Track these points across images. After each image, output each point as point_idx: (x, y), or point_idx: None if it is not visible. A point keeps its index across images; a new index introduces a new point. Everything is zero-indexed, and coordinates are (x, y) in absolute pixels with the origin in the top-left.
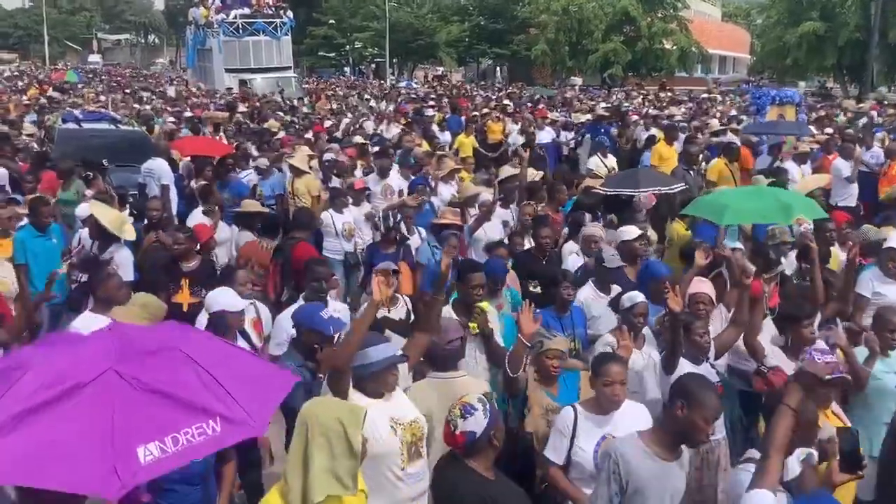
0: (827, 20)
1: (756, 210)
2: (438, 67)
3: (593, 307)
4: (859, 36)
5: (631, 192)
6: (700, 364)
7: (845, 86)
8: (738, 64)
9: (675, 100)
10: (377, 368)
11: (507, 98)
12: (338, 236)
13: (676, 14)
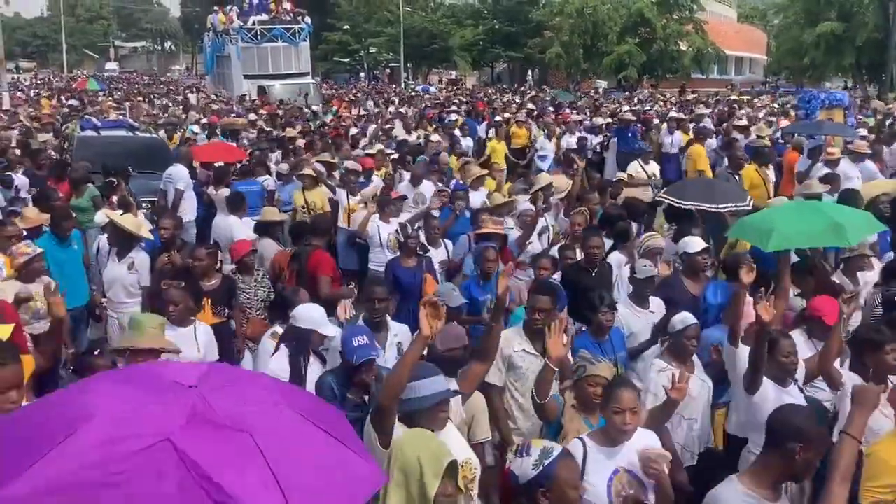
0: (845, 20)
1: (806, 233)
2: (452, 71)
3: (632, 323)
4: (878, 36)
5: (709, 206)
6: (787, 386)
7: (864, 86)
8: (754, 65)
9: (701, 101)
10: (427, 405)
11: (532, 102)
12: (383, 247)
13: (692, 15)
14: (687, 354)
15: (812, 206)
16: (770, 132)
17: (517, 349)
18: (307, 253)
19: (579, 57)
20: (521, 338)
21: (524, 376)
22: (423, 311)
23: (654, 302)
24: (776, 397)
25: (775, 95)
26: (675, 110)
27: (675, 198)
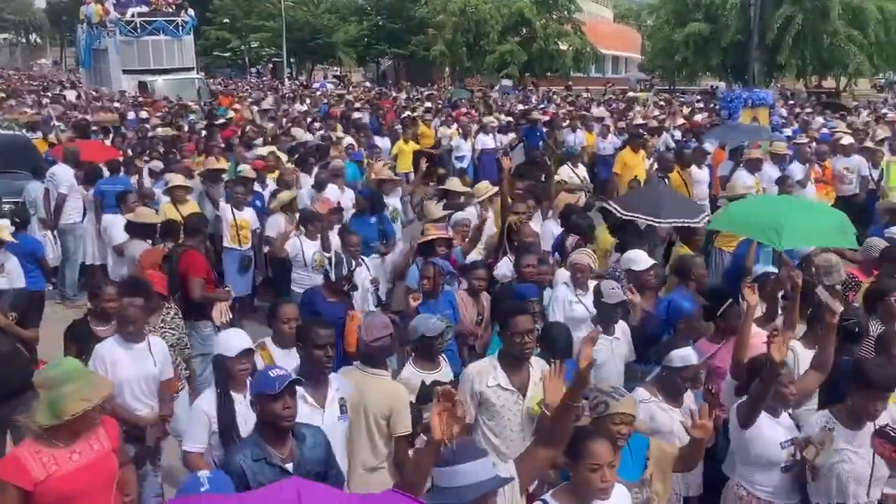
0: (711, 22)
1: (817, 231)
2: (337, 67)
3: (596, 352)
4: (741, 38)
5: (651, 220)
6: (778, 416)
7: (730, 85)
8: (629, 63)
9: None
10: (471, 497)
11: (428, 100)
12: (307, 267)
13: (570, 16)
14: (678, 394)
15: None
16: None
17: (491, 384)
18: (178, 254)
19: (463, 55)
20: (496, 370)
21: (499, 415)
22: (435, 408)
23: (619, 327)
24: (772, 430)
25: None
26: (572, 109)
27: (620, 207)
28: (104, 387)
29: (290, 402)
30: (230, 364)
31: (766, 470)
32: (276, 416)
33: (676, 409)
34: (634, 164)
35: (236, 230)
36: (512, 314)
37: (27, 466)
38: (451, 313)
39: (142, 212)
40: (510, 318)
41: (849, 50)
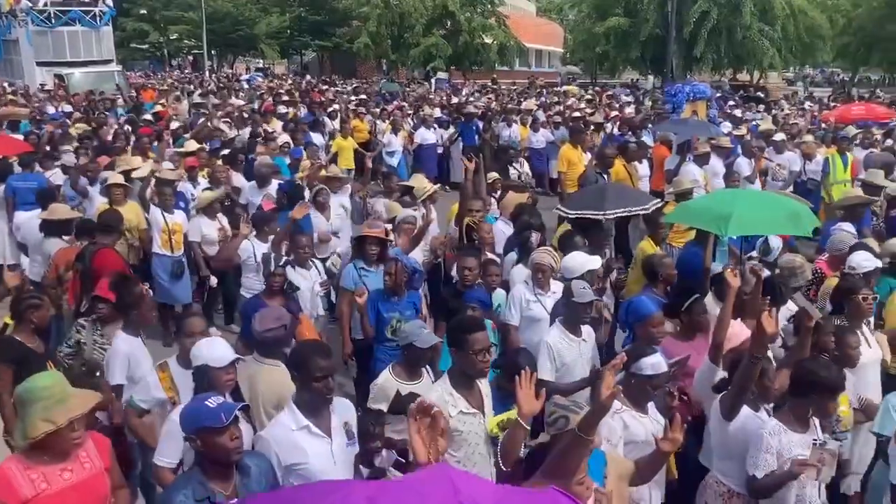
0: (630, 16)
1: (766, 220)
2: (260, 60)
3: (564, 353)
4: (659, 31)
5: (595, 214)
6: (759, 410)
7: (652, 79)
8: (552, 57)
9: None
10: None
11: (354, 94)
12: (259, 271)
13: (494, 9)
14: (646, 401)
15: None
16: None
17: (453, 413)
18: (92, 252)
19: (387, 48)
20: (453, 396)
21: (466, 442)
22: (413, 425)
23: (585, 329)
24: (753, 423)
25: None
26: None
27: (567, 208)
28: (79, 405)
29: (236, 431)
30: (217, 375)
31: (744, 464)
32: (225, 450)
33: (646, 416)
34: (578, 160)
35: (168, 235)
36: (469, 331)
37: (15, 484)
38: (412, 314)
39: (56, 208)
40: (468, 336)
41: (761, 44)
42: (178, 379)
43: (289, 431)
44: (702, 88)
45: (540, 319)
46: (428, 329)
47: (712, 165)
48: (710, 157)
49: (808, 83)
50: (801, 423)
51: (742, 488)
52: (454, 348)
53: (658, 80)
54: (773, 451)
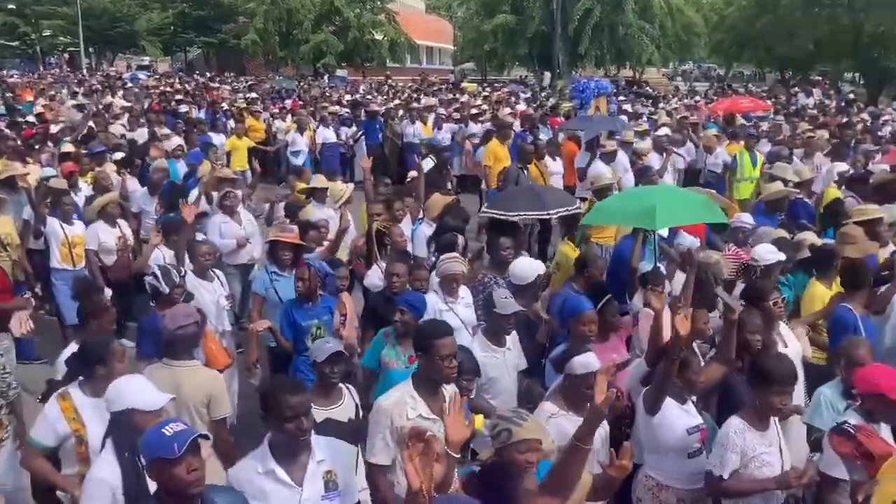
0: (517, 13)
1: (687, 210)
2: (144, 57)
3: (488, 366)
4: (545, 28)
5: (541, 215)
6: (685, 403)
7: (539, 75)
8: (443, 54)
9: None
10: None
11: (250, 90)
12: None
13: (383, 6)
14: (584, 403)
15: (673, 189)
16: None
17: (411, 416)
18: None
19: (276, 44)
20: (414, 399)
21: None
22: (405, 453)
23: (509, 338)
24: (678, 417)
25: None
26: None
27: (502, 210)
28: None
29: (194, 461)
30: (145, 421)
31: (674, 457)
32: (181, 483)
33: (578, 418)
34: (504, 156)
35: (69, 248)
36: (436, 336)
37: None
38: (329, 319)
39: None
40: (434, 341)
41: (641, 41)
42: (84, 410)
43: (253, 473)
44: (604, 84)
45: (454, 329)
46: (332, 342)
47: (619, 160)
48: (619, 154)
49: (693, 78)
50: (763, 421)
51: (670, 480)
52: (420, 352)
53: (560, 77)
54: (738, 449)
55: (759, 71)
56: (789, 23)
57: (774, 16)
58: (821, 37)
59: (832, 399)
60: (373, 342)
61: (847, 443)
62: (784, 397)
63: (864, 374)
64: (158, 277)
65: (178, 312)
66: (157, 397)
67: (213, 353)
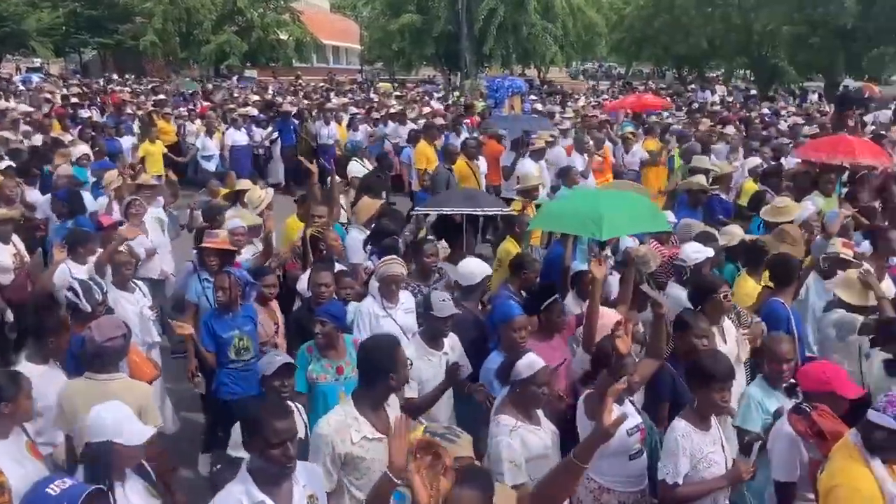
0: (423, 13)
1: (633, 219)
2: (35, 59)
3: (423, 369)
4: (451, 28)
5: (476, 211)
6: (622, 403)
7: (447, 75)
8: (350, 54)
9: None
10: None
11: (153, 93)
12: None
13: (287, 5)
14: (537, 405)
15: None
16: None
17: (356, 439)
18: None
19: (176, 45)
20: (358, 420)
21: (369, 470)
22: (413, 465)
23: (448, 341)
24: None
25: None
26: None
27: (438, 206)
28: None
29: None
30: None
31: (615, 459)
32: None
33: (539, 428)
34: (433, 157)
35: None
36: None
37: None
38: (252, 328)
39: None
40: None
41: (544, 40)
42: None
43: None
44: (518, 83)
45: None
46: (280, 354)
47: (551, 157)
48: (548, 152)
49: (600, 76)
50: (705, 421)
51: (611, 482)
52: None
53: (467, 77)
54: (688, 453)
55: (657, 69)
56: (685, 22)
57: (670, 16)
58: (715, 35)
59: (760, 399)
60: (297, 362)
61: (803, 421)
62: (724, 393)
63: (811, 371)
64: (79, 294)
65: (106, 324)
66: (141, 431)
67: (138, 366)
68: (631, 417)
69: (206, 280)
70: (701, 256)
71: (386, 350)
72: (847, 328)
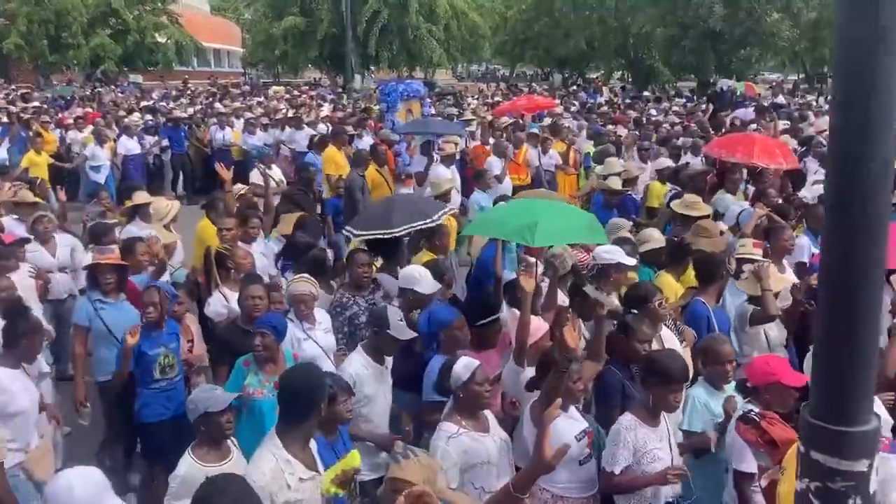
0: (306, 15)
1: (568, 230)
2: None
3: (367, 382)
4: (335, 30)
5: (384, 233)
6: (568, 409)
7: (334, 78)
8: (232, 57)
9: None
10: None
11: (23, 100)
12: None
13: (164, 7)
14: (483, 404)
15: (555, 204)
16: None
17: (292, 483)
18: None
19: (44, 49)
20: (290, 462)
21: None
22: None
23: (388, 360)
24: (564, 425)
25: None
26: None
27: (382, 229)
28: None
29: None
30: None
31: (565, 466)
32: None
33: (486, 435)
34: (343, 162)
35: None
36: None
37: None
38: (176, 345)
39: None
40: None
41: (429, 43)
42: None
43: None
44: (415, 87)
45: (315, 357)
46: (219, 389)
47: (442, 172)
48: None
49: (489, 78)
50: (655, 418)
51: (566, 492)
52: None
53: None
54: (630, 445)
55: (539, 71)
56: (564, 25)
57: (551, 18)
58: (593, 38)
59: (706, 401)
60: (232, 375)
61: (752, 430)
62: (678, 394)
63: (757, 366)
64: None
65: None
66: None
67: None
68: (576, 422)
69: (98, 301)
70: (610, 258)
71: (314, 380)
72: (744, 319)
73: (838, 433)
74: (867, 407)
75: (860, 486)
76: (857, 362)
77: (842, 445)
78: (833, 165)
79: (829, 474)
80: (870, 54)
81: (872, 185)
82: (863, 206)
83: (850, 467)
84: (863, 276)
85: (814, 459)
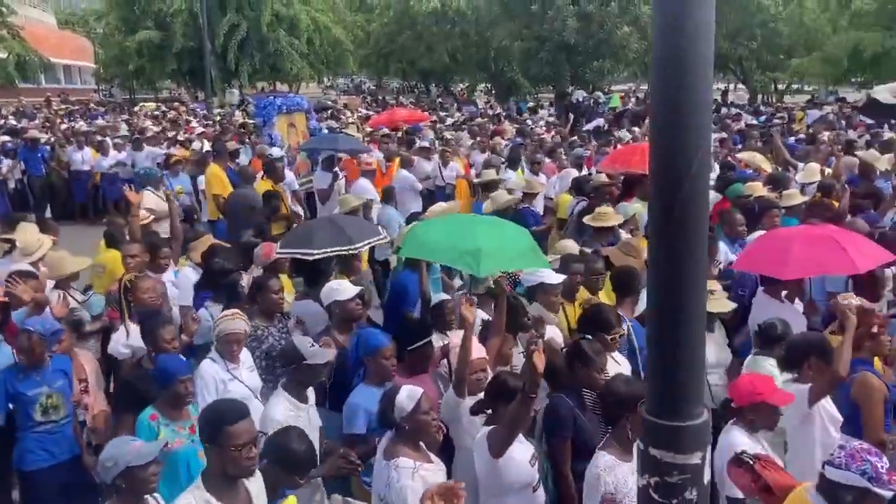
0: (161, 29)
1: (512, 255)
2: None
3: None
4: (193, 44)
5: (303, 254)
6: (522, 442)
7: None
8: (84, 73)
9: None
10: None
11: None
12: None
13: (4, 19)
14: (430, 436)
15: (495, 224)
16: None
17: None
18: None
19: None
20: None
21: None
22: None
23: (308, 392)
24: (519, 452)
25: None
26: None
27: (304, 249)
28: None
29: None
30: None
31: (521, 494)
32: None
33: (432, 464)
34: (227, 181)
35: None
36: (229, 422)
37: None
38: (64, 384)
39: None
40: (227, 427)
41: (291, 57)
42: None
43: None
44: (297, 101)
45: (243, 397)
46: (139, 442)
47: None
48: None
49: (356, 91)
50: (628, 453)
51: None
52: (209, 444)
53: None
54: (611, 487)
55: (406, 84)
56: (427, 38)
57: (413, 31)
58: (455, 50)
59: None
60: (139, 435)
61: (746, 474)
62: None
63: (740, 385)
64: None
65: None
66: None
67: None
68: (527, 447)
69: None
70: (533, 280)
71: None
72: None
73: (671, 428)
74: (697, 402)
75: (695, 477)
76: (685, 363)
77: (676, 440)
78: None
79: (667, 468)
80: None
81: (688, 204)
82: (682, 221)
83: (685, 460)
84: (688, 286)
85: (652, 455)
